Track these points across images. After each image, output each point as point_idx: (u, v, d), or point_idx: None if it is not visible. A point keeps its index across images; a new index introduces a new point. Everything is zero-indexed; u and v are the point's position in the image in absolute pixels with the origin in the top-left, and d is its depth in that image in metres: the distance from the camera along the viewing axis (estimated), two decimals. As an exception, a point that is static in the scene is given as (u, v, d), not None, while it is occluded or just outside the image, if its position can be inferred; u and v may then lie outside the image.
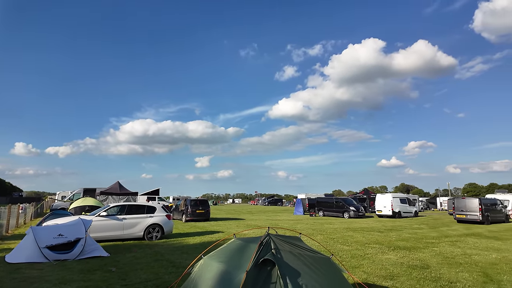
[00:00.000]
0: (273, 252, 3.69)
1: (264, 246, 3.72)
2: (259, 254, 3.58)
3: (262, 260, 3.52)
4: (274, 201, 70.45)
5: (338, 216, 27.50)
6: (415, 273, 7.04)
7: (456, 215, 23.06)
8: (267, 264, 3.53)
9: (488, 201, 23.25)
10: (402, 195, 30.82)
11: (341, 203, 28.03)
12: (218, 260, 3.87)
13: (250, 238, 4.22)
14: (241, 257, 3.69)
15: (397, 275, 6.86)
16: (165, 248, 10.25)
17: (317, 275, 3.72)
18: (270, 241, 3.84)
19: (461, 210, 22.69)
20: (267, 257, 3.53)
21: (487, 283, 6.31)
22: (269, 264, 3.54)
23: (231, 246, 4.03)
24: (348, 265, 7.75)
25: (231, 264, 3.68)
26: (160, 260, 8.27)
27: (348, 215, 26.51)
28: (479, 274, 7.04)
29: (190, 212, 21.00)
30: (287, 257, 3.71)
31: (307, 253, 4.03)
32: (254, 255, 3.53)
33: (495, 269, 7.58)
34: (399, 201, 28.36)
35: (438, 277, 6.72)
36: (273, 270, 3.51)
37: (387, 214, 27.25)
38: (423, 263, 8.21)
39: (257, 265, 3.49)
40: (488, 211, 22.08)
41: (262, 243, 3.76)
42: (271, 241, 3.86)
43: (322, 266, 3.92)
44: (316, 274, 3.71)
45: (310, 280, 3.56)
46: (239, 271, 3.45)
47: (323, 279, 3.71)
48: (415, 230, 17.03)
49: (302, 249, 4.08)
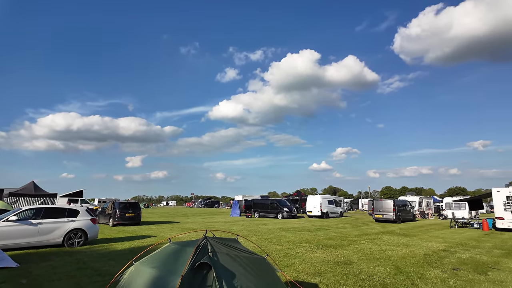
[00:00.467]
0: (210, 255, 3.65)
1: (201, 249, 3.67)
2: (195, 257, 3.51)
3: (198, 264, 3.46)
4: (211, 203, 69.74)
5: (273, 217, 28.43)
6: (340, 269, 7.65)
7: (374, 215, 25.75)
8: (204, 268, 3.48)
9: (400, 203, 26.52)
10: (330, 197, 33.27)
11: (276, 205, 29.06)
12: (151, 265, 3.68)
13: (186, 242, 4.11)
14: (176, 262, 3.57)
15: (324, 272, 7.37)
16: (88, 255, 9.36)
17: (252, 275, 3.80)
18: (207, 244, 3.80)
19: (379, 210, 25.43)
20: (203, 261, 3.49)
21: (397, 275, 7.18)
22: (205, 268, 3.49)
23: (166, 251, 3.87)
24: (281, 264, 8.07)
25: (166, 269, 3.53)
26: (82, 268, 7.51)
27: (282, 215, 27.61)
28: (392, 267, 7.97)
29: (118, 215, 19.51)
30: (223, 260, 3.71)
31: (244, 254, 4.08)
32: (191, 259, 3.45)
33: (404, 262, 8.66)
34: (327, 202, 30.56)
35: (359, 272, 7.41)
36: (209, 273, 3.48)
37: (317, 215, 29.11)
38: (346, 259, 8.97)
39: (193, 269, 3.42)
40: (400, 211, 25.16)
41: (199, 246, 3.70)
42: (208, 244, 3.82)
43: (257, 267, 4.01)
44: (251, 274, 3.79)
45: (245, 281, 3.62)
46: (174, 276, 3.33)
47: (258, 279, 3.81)
48: (340, 229, 18.51)
49: (239, 250, 4.12)
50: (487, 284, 6.51)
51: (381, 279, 6.77)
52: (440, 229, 19.68)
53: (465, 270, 7.85)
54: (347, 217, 32.47)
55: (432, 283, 6.52)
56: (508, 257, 9.87)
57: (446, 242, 13.07)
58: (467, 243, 12.91)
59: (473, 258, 9.47)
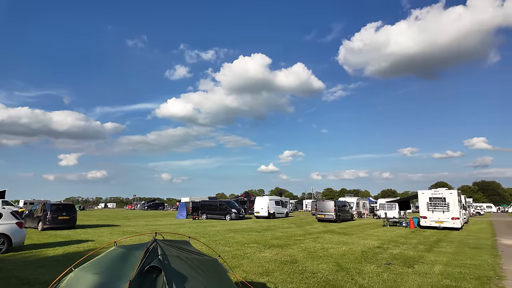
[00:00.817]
0: (159, 258, 3.51)
1: (150, 252, 3.50)
2: (144, 261, 3.34)
3: (147, 268, 3.30)
4: (155, 205, 66.72)
5: (221, 218, 28.28)
6: (286, 268, 7.92)
7: (317, 215, 27.13)
8: (153, 272, 3.33)
9: (340, 203, 28.35)
10: (276, 198, 34.23)
11: (224, 206, 28.97)
12: (94, 271, 3.41)
13: (134, 245, 3.89)
14: (123, 266, 3.36)
15: (272, 271, 7.56)
16: (13, 262, 8.31)
17: (203, 277, 3.75)
18: (157, 247, 3.64)
19: (321, 211, 26.87)
20: (153, 264, 3.34)
21: (339, 271, 7.67)
22: (155, 271, 3.35)
23: (111, 255, 3.62)
24: (230, 266, 8.05)
25: (111, 275, 3.30)
26: (5, 277, 6.64)
27: (230, 217, 27.62)
28: (334, 264, 8.49)
29: (50, 218, 17.64)
30: (174, 263, 3.60)
31: (195, 256, 4.00)
32: (139, 263, 3.27)
33: (344, 259, 9.28)
34: (274, 203, 31.39)
35: (304, 270, 7.75)
36: (159, 277, 3.34)
37: (264, 215, 29.71)
38: (292, 258, 9.31)
39: (141, 273, 3.25)
40: (340, 211, 26.88)
41: (149, 249, 3.53)
42: (158, 246, 3.67)
43: (208, 268, 3.97)
44: (202, 276, 3.73)
45: (196, 283, 3.55)
46: (120, 281, 3.13)
47: (209, 281, 3.77)
48: (286, 229, 19.14)
49: (190, 253, 4.03)
50: (414, 276, 7.29)
51: (324, 276, 7.16)
52: (374, 227, 21.48)
53: (396, 264, 8.68)
54: (292, 217, 33.69)
55: (369, 277, 7.09)
56: (430, 251, 11.16)
57: (379, 240, 14.31)
58: (397, 240, 14.29)
59: (402, 253, 10.52)
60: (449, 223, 19.63)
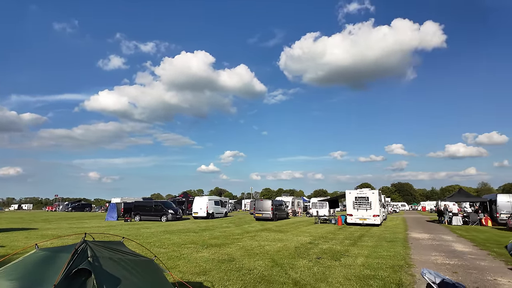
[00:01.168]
0: (89, 260, 3.28)
1: (79, 254, 3.25)
2: (72, 264, 3.10)
3: (75, 271, 3.06)
4: (80, 207, 60.90)
5: (156, 220, 27.10)
6: (224, 266, 7.99)
7: (255, 214, 27.78)
8: (82, 275, 3.11)
9: (277, 203, 29.48)
10: (216, 198, 34.11)
11: (160, 207, 27.83)
12: (9, 277, 3.03)
13: (59, 247, 3.56)
14: (46, 270, 3.06)
15: (209, 270, 7.56)
16: None
17: (138, 278, 3.62)
18: (86, 248, 3.40)
19: (259, 210, 27.60)
20: (82, 266, 3.11)
21: (274, 267, 8.01)
22: (84, 275, 3.12)
23: (32, 259, 3.25)
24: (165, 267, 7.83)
25: (31, 280, 2.98)
26: None
27: (166, 218, 26.64)
28: (269, 261, 8.83)
29: None
30: (106, 264, 3.40)
31: (129, 257, 3.83)
32: (66, 266, 3.02)
33: (279, 255, 9.71)
34: (214, 203, 31.23)
35: (241, 267, 7.92)
36: (88, 280, 3.13)
37: (203, 216, 29.34)
38: (230, 257, 9.42)
39: (68, 277, 3.01)
40: (276, 210, 27.94)
41: (77, 251, 3.27)
42: (88, 248, 3.43)
43: (144, 269, 3.84)
44: (137, 278, 3.60)
45: (130, 285, 3.41)
46: (42, 287, 2.85)
47: (145, 282, 3.65)
48: (224, 228, 19.20)
49: (124, 253, 3.84)
50: (340, 268, 7.98)
51: (260, 272, 7.41)
52: (307, 225, 22.83)
53: (325, 258, 9.40)
54: (231, 217, 33.91)
55: (301, 271, 7.56)
56: (354, 245, 12.31)
57: (311, 236, 15.28)
58: (327, 236, 15.43)
59: (330, 248, 11.41)
60: (371, 220, 21.86)
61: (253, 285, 6.36)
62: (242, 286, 6.28)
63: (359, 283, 6.57)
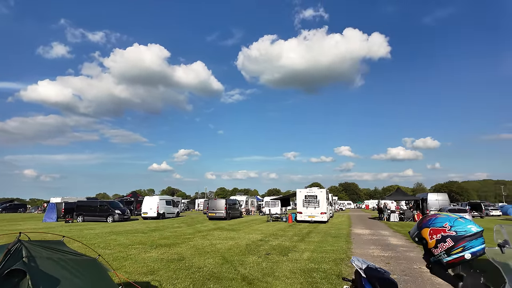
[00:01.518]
0: (24, 260, 3.11)
1: (12, 254, 3.06)
2: (4, 264, 2.91)
3: (8, 272, 2.89)
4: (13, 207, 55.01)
5: (102, 220, 25.59)
6: (173, 266, 7.91)
7: (208, 214, 27.61)
8: (16, 276, 2.94)
9: (231, 202, 29.64)
10: (168, 197, 33.16)
11: (106, 207, 26.32)
12: None
13: (-11, 248, 3.31)
14: (-27, 272, 2.84)
15: (157, 270, 7.44)
16: None
17: (80, 279, 3.50)
18: (21, 248, 3.20)
19: (213, 209, 27.49)
20: (16, 267, 2.94)
21: (224, 264, 8.14)
22: (18, 275, 2.95)
23: (-45, 261, 2.98)
24: (110, 268, 7.52)
25: (-46, 284, 2.75)
26: None
27: (113, 218, 25.28)
28: (220, 258, 8.93)
29: None
30: (43, 265, 3.24)
31: (70, 257, 3.68)
32: (-3, 267, 2.84)
33: (230, 253, 9.86)
34: (165, 203, 30.35)
35: (191, 266, 7.91)
36: (22, 281, 2.97)
37: (153, 216, 28.34)
38: (179, 256, 9.33)
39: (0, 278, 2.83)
40: (230, 209, 28.08)
41: (10, 251, 3.07)
42: (23, 247, 3.23)
43: (86, 269, 3.72)
44: (78, 278, 3.49)
45: (70, 285, 3.30)
46: (-32, 290, 2.65)
47: (86, 282, 3.55)
48: (175, 228, 18.82)
49: (64, 253, 3.68)
50: (287, 263, 8.38)
51: (209, 269, 7.49)
52: (259, 223, 23.32)
53: (274, 254, 9.76)
54: (184, 217, 33.25)
55: (250, 267, 7.79)
56: (302, 241, 12.93)
57: (263, 233, 15.68)
58: (277, 233, 15.96)
59: (280, 244, 11.85)
60: (318, 217, 23.04)
61: (202, 282, 6.42)
62: (191, 284, 6.31)
63: (303, 276, 6.98)
